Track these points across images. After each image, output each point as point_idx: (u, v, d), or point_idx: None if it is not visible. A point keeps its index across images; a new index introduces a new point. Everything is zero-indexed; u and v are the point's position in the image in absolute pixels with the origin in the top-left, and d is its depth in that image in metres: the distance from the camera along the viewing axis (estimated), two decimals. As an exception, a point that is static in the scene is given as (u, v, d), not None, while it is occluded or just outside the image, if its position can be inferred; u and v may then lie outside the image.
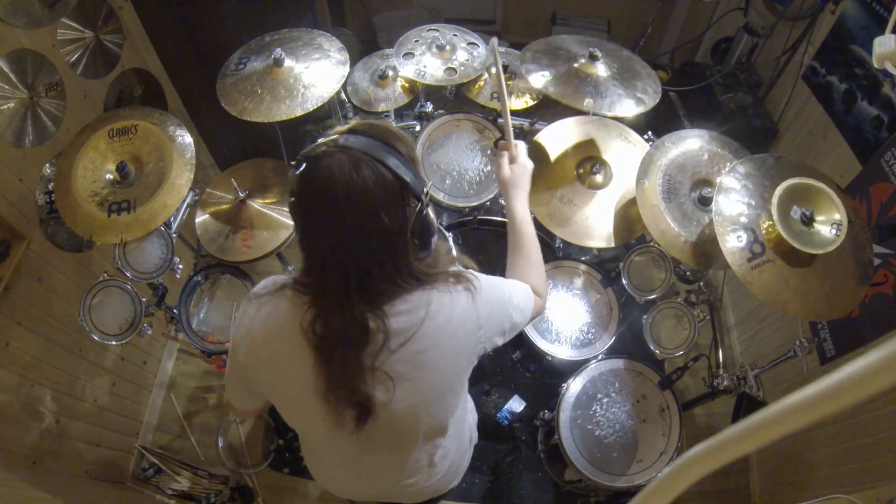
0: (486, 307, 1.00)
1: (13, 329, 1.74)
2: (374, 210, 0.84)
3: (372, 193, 0.84)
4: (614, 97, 1.66)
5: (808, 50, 2.29)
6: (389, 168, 0.85)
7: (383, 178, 0.84)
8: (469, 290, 0.97)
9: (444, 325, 0.94)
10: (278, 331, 0.94)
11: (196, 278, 1.86)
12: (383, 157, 0.85)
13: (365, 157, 0.84)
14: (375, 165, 0.84)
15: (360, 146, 0.85)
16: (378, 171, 0.84)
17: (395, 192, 0.86)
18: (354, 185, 0.83)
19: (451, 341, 0.96)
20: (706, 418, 2.50)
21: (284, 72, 1.73)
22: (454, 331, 0.96)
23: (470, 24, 2.07)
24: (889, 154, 1.77)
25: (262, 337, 0.96)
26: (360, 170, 0.83)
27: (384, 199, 0.85)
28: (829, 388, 0.34)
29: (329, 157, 0.84)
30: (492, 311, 1.01)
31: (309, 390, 0.92)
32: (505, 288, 1.09)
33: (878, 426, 1.71)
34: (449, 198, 1.89)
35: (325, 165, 0.84)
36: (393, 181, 0.85)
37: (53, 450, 1.94)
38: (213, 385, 2.64)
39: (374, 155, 0.85)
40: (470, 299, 0.97)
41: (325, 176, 0.83)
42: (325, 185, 0.84)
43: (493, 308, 1.02)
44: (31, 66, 1.73)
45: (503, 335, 1.06)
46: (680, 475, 0.44)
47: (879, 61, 1.21)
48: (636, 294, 1.81)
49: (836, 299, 1.36)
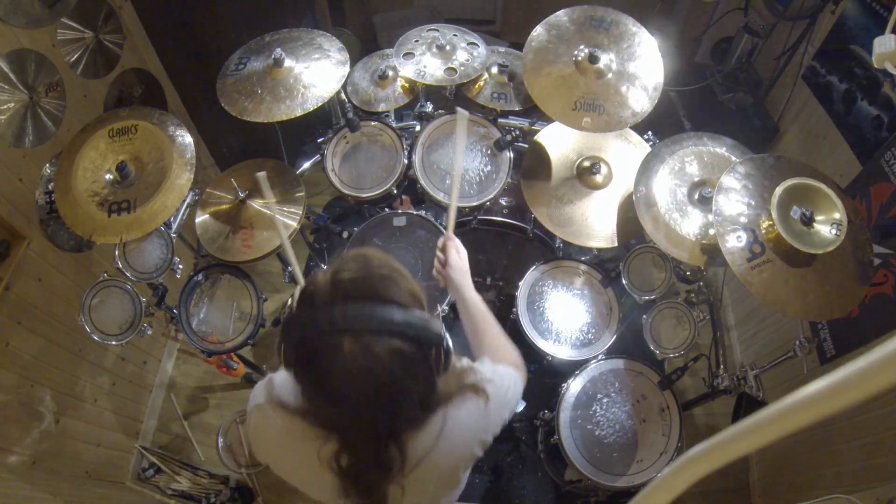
0: (495, 414, 0.97)
1: (13, 329, 1.74)
2: (399, 381, 0.77)
3: (393, 370, 0.75)
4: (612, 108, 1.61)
5: (808, 50, 2.29)
6: (401, 332, 0.76)
7: (399, 348, 0.75)
8: (482, 400, 0.93)
9: (457, 443, 0.92)
10: (295, 455, 0.91)
11: (196, 278, 1.86)
12: (388, 321, 0.75)
13: (370, 334, 0.74)
14: (385, 340, 0.74)
15: (359, 322, 0.74)
16: (390, 346, 0.74)
17: (415, 352, 0.77)
18: (373, 371, 0.74)
19: (463, 450, 0.95)
20: (706, 418, 2.50)
21: (284, 72, 1.74)
22: (466, 443, 0.95)
23: (470, 24, 2.08)
24: (889, 154, 1.77)
25: (278, 455, 0.95)
26: (371, 352, 0.74)
27: (407, 367, 0.77)
28: (829, 388, 0.34)
29: (334, 352, 0.74)
30: (499, 415, 1.00)
31: (326, 491, 0.90)
32: (509, 386, 1.04)
33: (878, 426, 1.71)
34: (449, 198, 1.89)
35: (338, 368, 0.74)
36: (409, 345, 0.76)
37: (53, 450, 1.94)
38: (213, 385, 2.64)
39: (379, 327, 0.74)
40: (482, 410, 0.94)
41: (341, 377, 0.75)
42: (344, 385, 0.75)
43: (501, 412, 1.00)
44: (31, 66, 1.73)
45: (499, 429, 1.05)
46: (680, 475, 0.44)
47: (879, 61, 1.21)
48: (636, 294, 1.81)
49: (836, 299, 1.36)
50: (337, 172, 1.97)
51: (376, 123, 2.00)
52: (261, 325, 1.87)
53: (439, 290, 1.86)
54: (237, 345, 1.85)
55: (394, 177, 1.93)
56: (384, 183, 1.94)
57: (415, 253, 1.92)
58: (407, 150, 1.94)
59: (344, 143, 2.01)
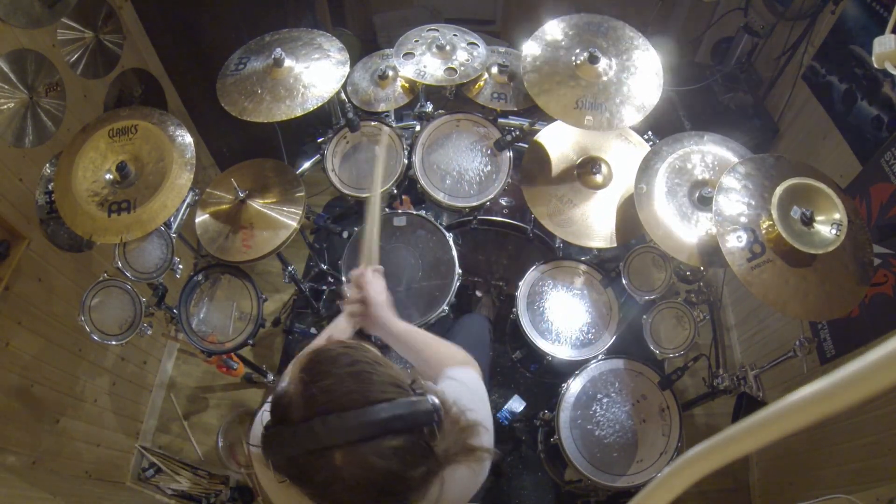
0: (481, 414, 0.96)
1: (13, 329, 1.74)
2: (399, 474, 0.73)
3: (391, 469, 0.72)
4: (613, 107, 1.61)
5: (808, 50, 2.28)
6: (391, 430, 0.72)
7: (392, 446, 0.72)
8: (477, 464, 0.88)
9: (457, 495, 0.90)
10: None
11: (196, 278, 1.86)
12: (375, 424, 0.71)
13: (359, 443, 0.70)
14: (376, 444, 0.71)
15: (345, 434, 0.70)
16: (383, 447, 0.71)
17: (410, 442, 0.74)
18: (372, 477, 0.71)
19: (462, 499, 0.94)
20: (706, 418, 2.50)
21: (284, 72, 1.74)
22: (465, 495, 0.93)
23: (470, 24, 2.07)
24: (889, 154, 1.77)
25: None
26: (366, 461, 0.70)
27: (404, 460, 0.73)
28: (829, 388, 0.34)
29: (328, 468, 0.71)
30: (484, 410, 1.00)
31: None
32: (476, 386, 1.04)
33: (878, 426, 1.71)
34: (449, 198, 1.89)
35: (336, 481, 0.71)
36: (402, 438, 0.73)
37: (53, 450, 1.94)
38: (213, 385, 2.64)
39: (368, 433, 0.71)
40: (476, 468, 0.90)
41: (340, 488, 0.71)
42: (345, 493, 0.72)
43: (483, 407, 1.01)
44: (31, 66, 1.73)
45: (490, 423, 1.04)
46: (680, 475, 0.44)
47: (879, 61, 1.21)
48: (636, 294, 1.81)
49: (836, 299, 1.36)
50: (337, 172, 1.97)
51: (376, 123, 2.00)
52: (261, 325, 1.87)
53: (439, 290, 1.86)
54: (237, 345, 1.85)
55: (394, 177, 1.93)
56: (384, 183, 1.94)
57: (415, 253, 1.92)
58: (407, 151, 1.94)
59: (344, 143, 2.01)
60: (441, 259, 1.90)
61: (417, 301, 1.86)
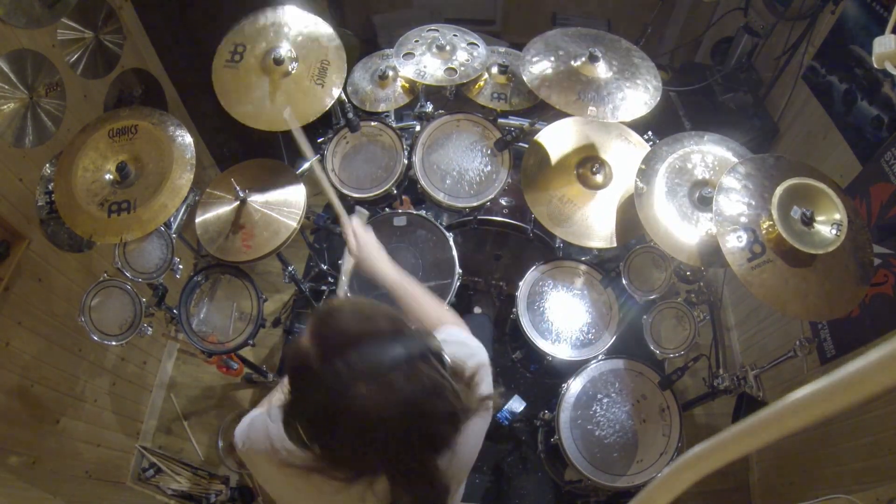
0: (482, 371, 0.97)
1: (13, 329, 1.74)
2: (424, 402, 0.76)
3: (416, 394, 0.74)
4: (616, 101, 1.63)
5: (808, 50, 2.28)
6: (407, 357, 0.75)
7: (411, 371, 0.75)
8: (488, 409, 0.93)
9: (470, 447, 0.96)
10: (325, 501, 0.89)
11: (196, 278, 1.86)
12: (390, 352, 0.75)
13: (381, 370, 0.74)
14: (396, 370, 0.74)
15: (365, 364, 0.74)
16: (404, 372, 0.74)
17: (426, 368, 0.77)
18: (399, 402, 0.74)
19: (473, 451, 0.99)
20: (706, 418, 2.50)
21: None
22: (476, 445, 0.98)
23: (470, 24, 2.07)
24: (889, 154, 1.77)
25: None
26: (391, 386, 0.73)
27: (425, 385, 0.76)
28: (829, 388, 0.34)
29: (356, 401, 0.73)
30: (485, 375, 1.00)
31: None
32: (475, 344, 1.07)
33: (878, 426, 1.71)
34: (449, 198, 1.89)
35: (367, 413, 0.73)
36: (419, 364, 0.76)
37: (53, 450, 1.94)
38: (214, 385, 2.64)
39: (386, 360, 0.74)
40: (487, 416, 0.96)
41: (373, 420, 0.73)
42: (378, 426, 0.74)
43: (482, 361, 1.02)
44: (31, 66, 1.73)
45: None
46: (680, 475, 0.44)
47: (879, 61, 1.21)
48: (636, 294, 1.81)
49: (836, 299, 1.36)
50: (337, 172, 1.97)
51: (376, 123, 2.00)
52: (261, 325, 1.87)
53: (439, 290, 1.86)
54: (237, 345, 1.85)
55: (394, 177, 1.93)
56: (384, 183, 1.94)
57: (415, 253, 1.92)
58: (407, 151, 1.94)
59: (344, 143, 2.01)
60: (441, 259, 1.90)
61: (417, 301, 1.86)
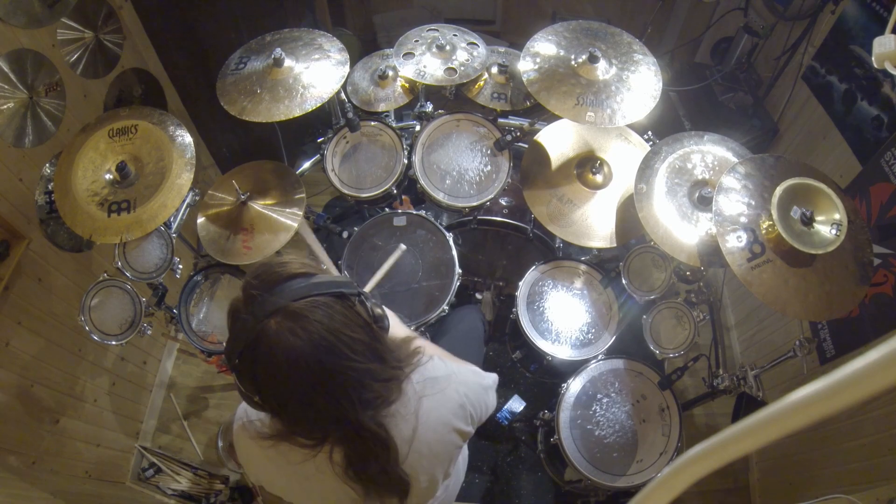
0: (461, 386, 1.02)
1: (13, 329, 1.74)
2: (336, 330, 0.81)
3: (324, 322, 0.80)
4: (615, 105, 1.61)
5: (808, 50, 2.28)
6: (314, 292, 0.81)
7: (318, 303, 0.81)
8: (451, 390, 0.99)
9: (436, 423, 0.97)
10: (299, 476, 0.94)
11: (196, 278, 1.86)
12: (297, 289, 0.81)
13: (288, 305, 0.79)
14: (302, 303, 0.80)
15: (274, 303, 0.80)
16: (310, 304, 0.80)
17: (336, 303, 0.83)
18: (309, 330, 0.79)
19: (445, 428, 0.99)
20: (706, 418, 2.50)
21: (284, 72, 1.73)
22: (445, 422, 0.98)
23: (470, 24, 2.07)
24: (889, 154, 1.77)
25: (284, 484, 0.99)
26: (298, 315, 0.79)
27: (334, 316, 0.82)
28: (829, 388, 0.34)
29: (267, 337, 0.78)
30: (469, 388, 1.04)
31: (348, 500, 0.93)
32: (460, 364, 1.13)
33: (878, 426, 1.71)
34: (449, 198, 1.89)
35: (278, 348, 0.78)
36: (327, 298, 0.82)
37: (53, 450, 1.94)
38: (213, 385, 2.64)
39: (292, 295, 0.80)
40: (454, 393, 0.99)
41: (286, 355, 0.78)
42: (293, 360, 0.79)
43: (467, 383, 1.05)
44: (31, 66, 1.73)
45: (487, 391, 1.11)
46: (680, 475, 0.44)
47: (879, 61, 1.21)
48: (636, 294, 1.81)
49: (836, 299, 1.36)
50: (337, 172, 1.97)
51: (376, 123, 2.00)
52: (261, 325, 1.87)
53: (439, 290, 1.86)
54: (237, 345, 1.85)
55: (394, 177, 1.93)
56: (384, 183, 1.94)
57: (415, 253, 1.92)
58: (407, 150, 1.94)
59: (344, 143, 2.01)
60: (441, 259, 1.90)
61: (417, 301, 1.86)
